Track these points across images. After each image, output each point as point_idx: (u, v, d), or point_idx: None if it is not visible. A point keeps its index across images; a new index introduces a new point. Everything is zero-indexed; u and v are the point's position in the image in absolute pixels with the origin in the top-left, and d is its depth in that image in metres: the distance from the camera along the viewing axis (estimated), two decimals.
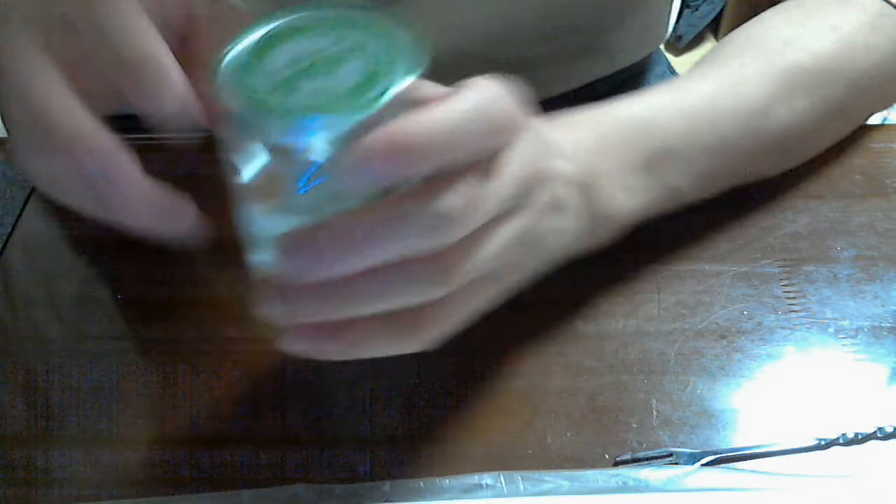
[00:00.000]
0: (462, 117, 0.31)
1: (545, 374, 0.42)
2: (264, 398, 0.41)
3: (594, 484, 0.37)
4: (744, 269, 0.47)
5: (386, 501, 0.37)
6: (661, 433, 0.40)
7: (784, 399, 0.41)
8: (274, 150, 0.31)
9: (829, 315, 0.45)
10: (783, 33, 0.50)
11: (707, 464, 0.38)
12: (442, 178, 0.31)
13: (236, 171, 0.32)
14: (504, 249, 0.35)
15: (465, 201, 0.31)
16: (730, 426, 0.40)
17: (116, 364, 0.43)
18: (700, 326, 0.44)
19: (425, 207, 0.30)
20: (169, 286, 0.46)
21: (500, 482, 0.38)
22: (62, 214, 0.53)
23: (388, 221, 0.30)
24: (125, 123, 0.36)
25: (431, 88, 0.33)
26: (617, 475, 0.38)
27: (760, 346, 0.43)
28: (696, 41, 1.96)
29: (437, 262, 0.32)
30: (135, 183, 0.34)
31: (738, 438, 0.40)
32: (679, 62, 0.81)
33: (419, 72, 0.30)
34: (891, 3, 0.52)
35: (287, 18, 0.33)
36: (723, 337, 0.44)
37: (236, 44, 0.32)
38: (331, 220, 0.30)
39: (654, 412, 0.41)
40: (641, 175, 0.44)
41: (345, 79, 0.30)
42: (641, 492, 0.37)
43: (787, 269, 0.47)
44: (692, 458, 0.38)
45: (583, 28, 0.63)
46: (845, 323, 0.44)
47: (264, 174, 0.31)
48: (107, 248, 0.50)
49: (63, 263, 0.49)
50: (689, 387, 0.42)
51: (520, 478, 0.38)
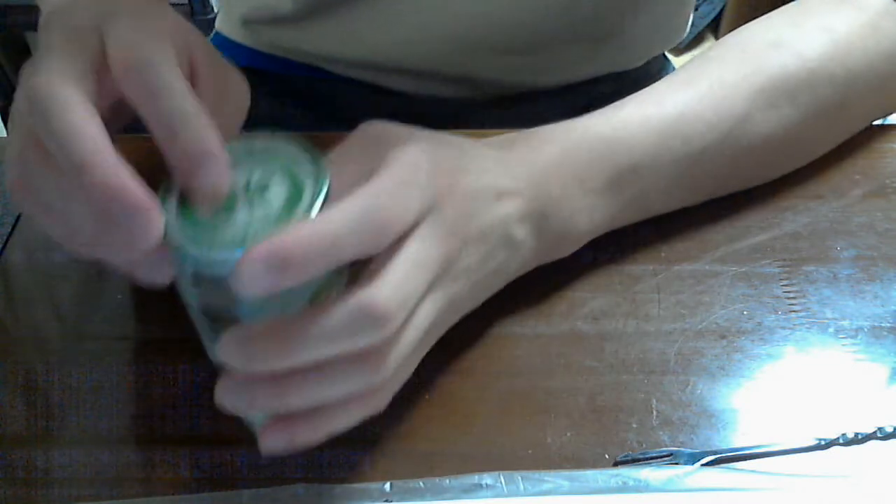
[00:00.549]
0: (344, 227, 0.32)
1: (545, 374, 0.42)
2: None
3: (594, 484, 0.37)
4: (744, 269, 0.47)
5: (386, 501, 0.37)
6: (661, 433, 0.40)
7: (784, 399, 0.41)
8: (211, 278, 0.33)
9: (829, 315, 0.45)
10: (774, 36, 0.49)
11: (707, 464, 0.38)
12: (366, 275, 0.33)
13: (184, 293, 0.34)
14: (432, 321, 0.37)
15: (388, 305, 0.32)
16: (730, 426, 0.40)
17: (116, 364, 0.43)
18: (700, 326, 0.44)
19: (351, 315, 0.32)
20: (169, 286, 0.46)
21: (500, 482, 0.38)
22: None
23: (313, 329, 0.32)
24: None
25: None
26: (617, 475, 0.38)
27: (760, 346, 0.43)
28: (697, 41, 1.96)
29: (369, 357, 0.33)
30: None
31: (738, 438, 0.40)
32: (679, 62, 0.81)
33: (328, 182, 0.33)
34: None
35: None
36: (723, 337, 0.44)
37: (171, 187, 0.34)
38: (263, 326, 0.32)
39: (654, 412, 0.41)
40: (605, 194, 0.44)
41: (274, 202, 0.33)
42: (641, 492, 0.37)
43: (787, 269, 0.47)
44: (692, 458, 0.38)
45: (600, 14, 0.63)
46: (845, 323, 0.44)
47: (207, 296, 0.34)
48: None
49: (63, 263, 0.49)
50: (689, 387, 0.42)
51: (520, 478, 0.38)
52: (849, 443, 0.39)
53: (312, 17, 0.64)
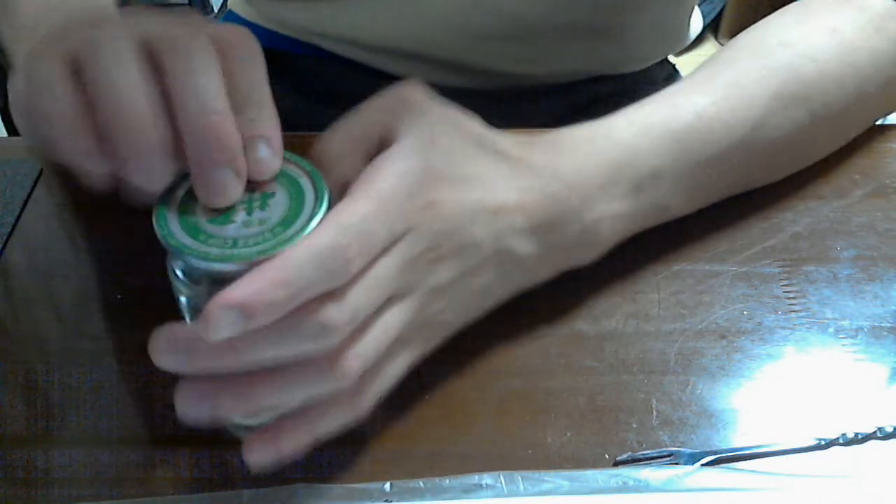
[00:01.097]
0: (308, 268, 0.32)
1: (545, 374, 0.42)
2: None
3: (594, 484, 0.37)
4: (744, 269, 0.47)
5: (386, 501, 0.37)
6: (661, 433, 0.40)
7: (784, 399, 0.41)
8: (201, 285, 0.34)
9: (829, 315, 0.45)
10: (783, 38, 0.49)
11: (707, 464, 0.38)
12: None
13: (175, 293, 0.35)
14: (400, 330, 0.37)
15: (334, 315, 0.33)
16: (730, 426, 0.40)
17: (116, 364, 0.43)
18: (700, 326, 0.44)
19: (300, 320, 0.33)
20: (169, 286, 0.46)
21: (500, 482, 0.38)
22: (62, 214, 0.53)
23: (259, 333, 0.32)
24: None
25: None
26: (617, 475, 0.38)
27: (760, 346, 0.43)
28: (697, 41, 1.96)
29: (323, 362, 0.34)
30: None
31: (738, 438, 0.40)
32: (679, 62, 0.81)
33: (326, 199, 0.34)
34: None
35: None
36: (723, 337, 0.44)
37: (169, 197, 0.35)
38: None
39: (654, 412, 0.41)
40: (627, 200, 0.44)
41: (272, 216, 0.34)
42: (641, 492, 0.37)
43: (787, 269, 0.47)
44: (692, 458, 0.38)
45: (598, 9, 0.62)
46: (845, 323, 0.44)
47: (197, 299, 0.34)
48: (107, 248, 0.50)
49: (63, 263, 0.49)
50: (689, 387, 0.42)
51: (520, 478, 0.38)
52: (849, 443, 0.39)
53: None
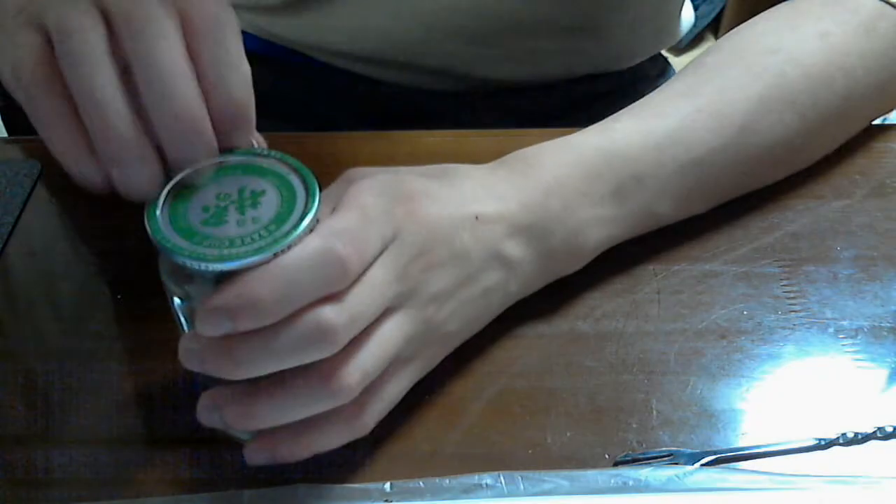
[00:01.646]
0: (301, 271, 0.33)
1: (545, 374, 0.42)
2: None
3: (594, 484, 0.37)
4: (744, 269, 0.47)
5: (386, 501, 0.37)
6: (661, 433, 0.40)
7: (784, 399, 0.41)
8: (192, 283, 0.34)
9: (829, 315, 0.45)
10: (770, 41, 0.49)
11: (707, 464, 0.38)
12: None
13: (167, 292, 0.36)
14: (399, 343, 0.37)
15: (332, 322, 0.33)
16: (730, 426, 0.40)
17: (116, 364, 0.43)
18: (700, 326, 0.44)
19: (299, 323, 0.33)
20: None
21: (500, 482, 0.38)
22: (62, 214, 0.53)
23: (258, 342, 0.33)
24: None
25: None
26: (617, 475, 0.38)
27: (760, 346, 0.43)
28: (696, 41, 1.96)
29: (322, 374, 0.34)
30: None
31: (738, 438, 0.40)
32: (679, 62, 0.81)
33: (317, 199, 0.34)
34: (890, 3, 0.50)
35: (193, 170, 0.36)
36: (723, 337, 0.44)
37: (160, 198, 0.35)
38: (221, 340, 0.33)
39: (654, 412, 0.41)
40: (610, 206, 0.44)
41: (263, 216, 0.34)
42: (641, 492, 0.37)
43: (787, 269, 0.47)
44: (692, 458, 0.38)
45: (575, 5, 0.62)
46: (845, 323, 0.44)
47: (188, 298, 0.35)
48: (107, 248, 0.50)
49: (63, 263, 0.49)
50: (689, 387, 0.42)
51: (520, 478, 0.38)
52: (849, 443, 0.39)
53: (289, 8, 0.65)
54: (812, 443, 0.39)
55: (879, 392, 0.41)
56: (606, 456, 0.39)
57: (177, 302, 0.36)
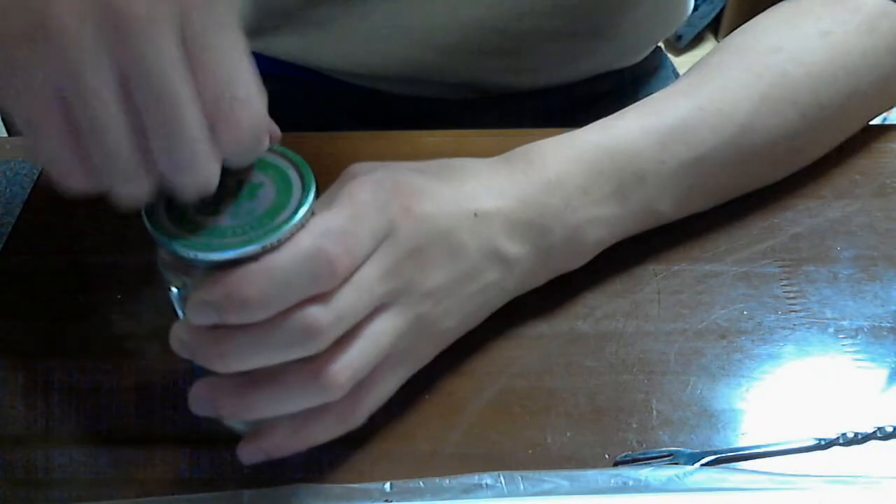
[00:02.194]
0: (292, 268, 0.33)
1: (545, 374, 0.42)
2: None
3: (594, 484, 0.37)
4: (744, 269, 0.47)
5: (386, 501, 0.37)
6: (661, 433, 0.40)
7: (784, 399, 0.41)
8: (189, 274, 0.34)
9: (829, 315, 0.45)
10: (773, 40, 0.49)
11: (707, 464, 0.38)
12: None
13: (165, 283, 0.36)
14: (392, 338, 0.37)
15: (320, 318, 0.33)
16: (730, 426, 0.40)
17: (116, 364, 0.43)
18: (700, 326, 0.44)
19: (285, 320, 0.33)
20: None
21: (500, 482, 0.38)
22: (62, 214, 0.53)
23: (245, 337, 0.33)
24: None
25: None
26: (617, 475, 0.38)
27: (760, 346, 0.43)
28: (696, 41, 1.96)
29: (313, 372, 0.34)
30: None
31: (738, 438, 0.40)
32: (679, 62, 0.81)
33: (314, 190, 0.34)
34: (893, 1, 0.50)
35: None
36: (723, 337, 0.44)
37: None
38: (203, 329, 0.34)
39: (654, 412, 0.41)
40: (611, 203, 0.44)
41: (259, 207, 0.34)
42: (641, 492, 0.37)
43: (787, 269, 0.47)
44: (692, 458, 0.38)
45: (598, 6, 0.62)
46: (845, 323, 0.44)
47: (184, 289, 0.35)
48: (107, 247, 0.50)
49: (63, 263, 0.49)
50: (689, 387, 0.42)
51: (520, 478, 0.38)
52: (849, 443, 0.39)
53: (278, 29, 0.64)
54: (812, 443, 0.39)
55: (879, 392, 0.41)
56: (606, 456, 0.39)
57: (174, 292, 0.36)
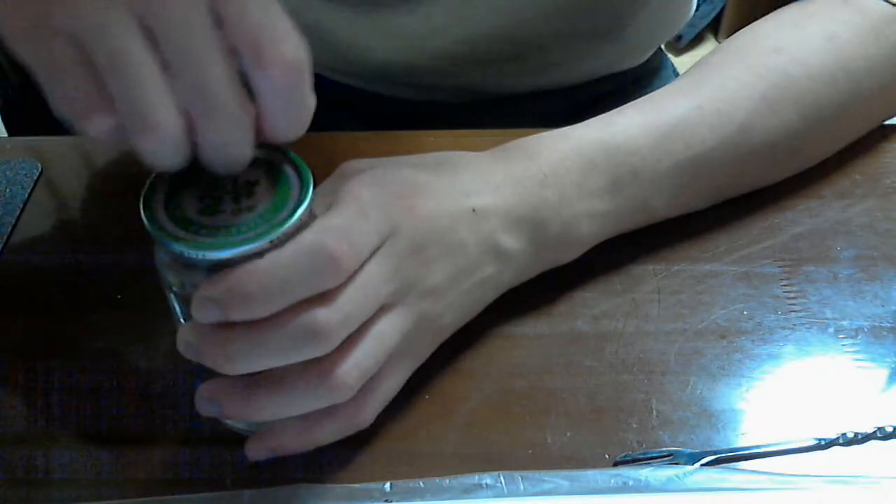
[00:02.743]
0: (294, 267, 0.32)
1: (545, 374, 0.42)
2: None
3: (594, 484, 0.37)
4: (744, 269, 0.47)
5: (386, 501, 0.37)
6: (661, 433, 0.40)
7: (784, 399, 0.41)
8: (188, 273, 0.34)
9: (829, 315, 0.45)
10: (776, 41, 0.49)
11: (707, 464, 0.38)
12: (317, 297, 0.34)
13: (163, 283, 0.36)
14: (397, 338, 0.37)
15: (327, 322, 0.33)
16: (730, 426, 0.40)
17: (116, 364, 0.43)
18: (700, 326, 0.44)
19: (291, 322, 0.33)
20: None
21: (500, 482, 0.38)
22: (62, 214, 0.53)
23: (255, 336, 0.33)
24: None
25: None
26: (617, 475, 0.38)
27: (760, 346, 0.43)
28: (696, 41, 1.96)
29: (321, 374, 0.34)
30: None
31: (738, 438, 0.40)
32: (679, 62, 0.81)
33: (311, 189, 0.34)
34: None
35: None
36: (723, 337, 0.44)
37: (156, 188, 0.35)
38: (210, 333, 0.34)
39: (654, 412, 0.41)
40: (605, 198, 0.44)
41: (258, 206, 0.34)
42: (641, 492, 0.37)
43: (787, 269, 0.47)
44: (692, 458, 0.38)
45: (603, 9, 0.62)
46: (845, 323, 0.44)
47: (184, 288, 0.35)
48: (107, 247, 0.50)
49: (63, 263, 0.49)
50: (689, 387, 0.42)
51: (520, 478, 0.38)
52: (849, 443, 0.39)
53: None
54: (812, 443, 0.39)
55: (879, 392, 0.41)
56: (606, 456, 0.39)
57: (173, 292, 0.36)
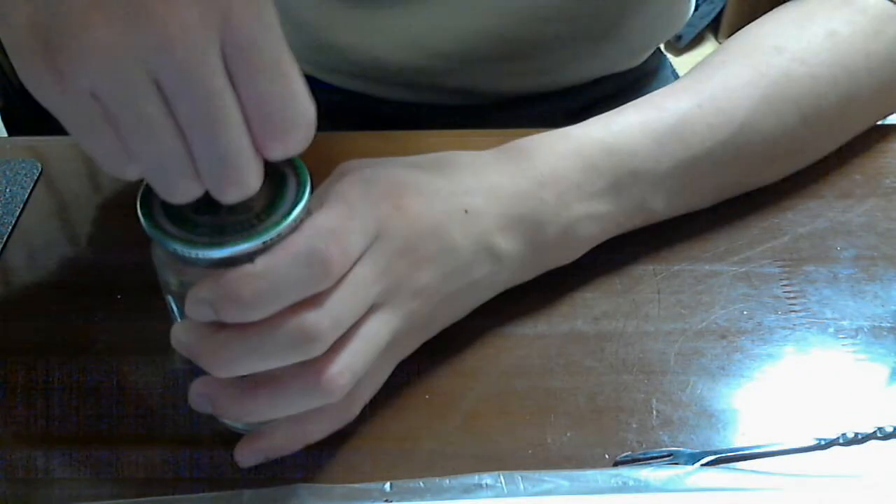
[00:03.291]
0: (284, 271, 0.32)
1: (545, 374, 0.42)
2: None
3: (594, 484, 0.37)
4: (744, 269, 0.47)
5: (386, 501, 0.37)
6: (661, 433, 0.40)
7: (784, 399, 0.41)
8: (184, 272, 0.34)
9: (829, 315, 0.45)
10: (777, 40, 0.49)
11: (707, 464, 0.38)
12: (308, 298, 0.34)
13: (161, 282, 0.36)
14: (385, 338, 0.37)
15: (318, 325, 0.33)
16: (730, 426, 0.40)
17: (116, 364, 0.43)
18: (700, 326, 0.44)
19: (282, 325, 0.33)
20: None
21: (500, 482, 0.38)
22: (62, 214, 0.53)
23: (246, 341, 0.33)
24: None
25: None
26: (617, 475, 0.38)
27: (760, 346, 0.43)
28: (696, 41, 1.96)
29: (312, 377, 0.34)
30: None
31: (738, 438, 0.40)
32: (679, 62, 0.81)
33: (308, 188, 0.34)
34: None
35: None
36: (723, 337, 0.44)
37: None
38: (203, 334, 0.34)
39: (654, 412, 0.41)
40: (604, 199, 0.44)
41: (255, 205, 0.34)
42: (641, 492, 0.37)
43: (787, 269, 0.47)
44: (692, 458, 0.38)
45: (603, 10, 0.62)
46: (845, 323, 0.44)
47: (180, 287, 0.35)
48: (107, 248, 0.50)
49: (63, 263, 0.49)
50: (689, 387, 0.42)
51: (520, 478, 0.38)
52: (849, 443, 0.39)
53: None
54: (812, 443, 0.39)
55: (879, 392, 0.41)
56: (606, 456, 0.39)
57: (170, 290, 0.36)
